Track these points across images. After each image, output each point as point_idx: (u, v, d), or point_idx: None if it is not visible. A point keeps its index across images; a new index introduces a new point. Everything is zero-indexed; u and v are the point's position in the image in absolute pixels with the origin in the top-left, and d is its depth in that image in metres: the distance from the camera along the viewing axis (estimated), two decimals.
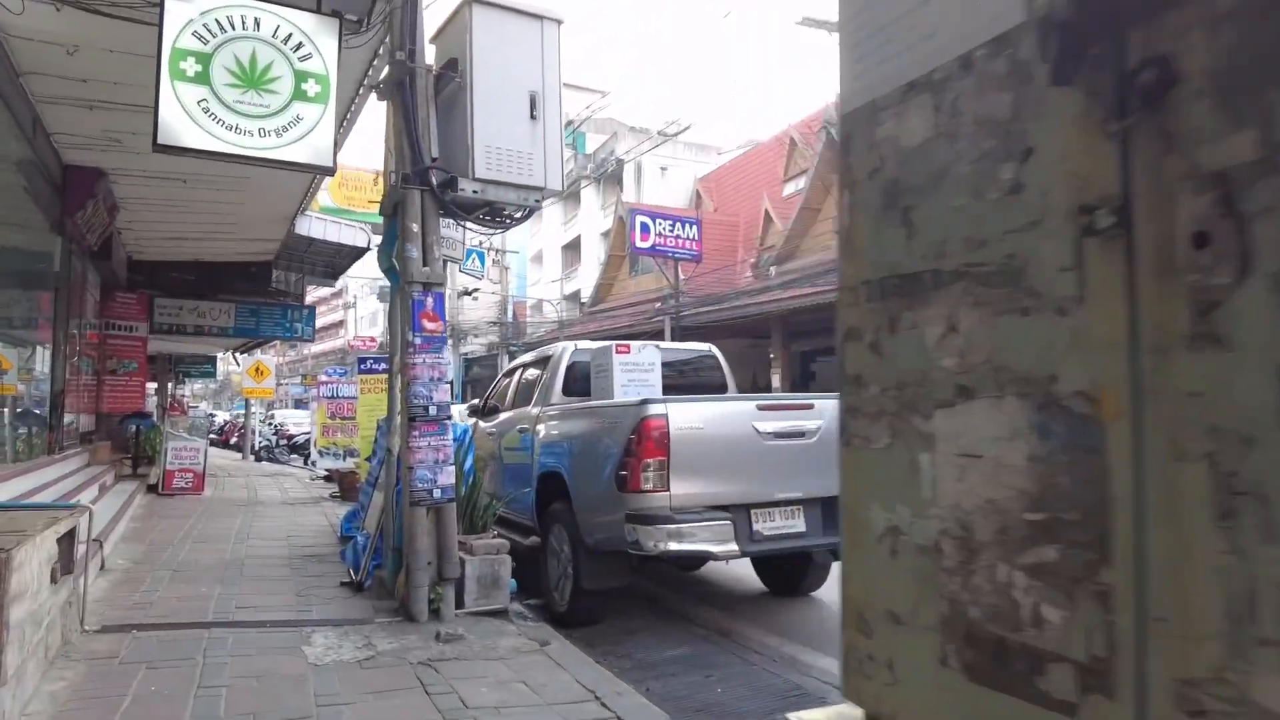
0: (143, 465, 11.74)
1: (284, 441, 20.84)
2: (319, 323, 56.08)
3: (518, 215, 5.36)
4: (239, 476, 14.64)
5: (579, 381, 6.45)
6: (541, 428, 6.13)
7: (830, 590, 6.25)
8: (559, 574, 5.68)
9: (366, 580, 5.56)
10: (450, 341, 37.65)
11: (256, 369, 19.24)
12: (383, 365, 8.14)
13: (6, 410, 7.18)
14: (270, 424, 22.53)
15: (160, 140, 4.46)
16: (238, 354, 21.35)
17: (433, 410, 4.90)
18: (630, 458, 4.62)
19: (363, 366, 8.11)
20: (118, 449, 12.52)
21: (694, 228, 25.71)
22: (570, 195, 38.08)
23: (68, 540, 4.21)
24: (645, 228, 24.88)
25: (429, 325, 4.94)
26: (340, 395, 11.89)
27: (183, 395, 26.36)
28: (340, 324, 51.82)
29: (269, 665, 3.94)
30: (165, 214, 10.59)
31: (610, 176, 36.14)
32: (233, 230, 11.62)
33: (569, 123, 40.30)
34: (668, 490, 4.60)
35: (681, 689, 4.40)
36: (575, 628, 5.34)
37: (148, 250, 12.72)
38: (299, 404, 49.22)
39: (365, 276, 44.54)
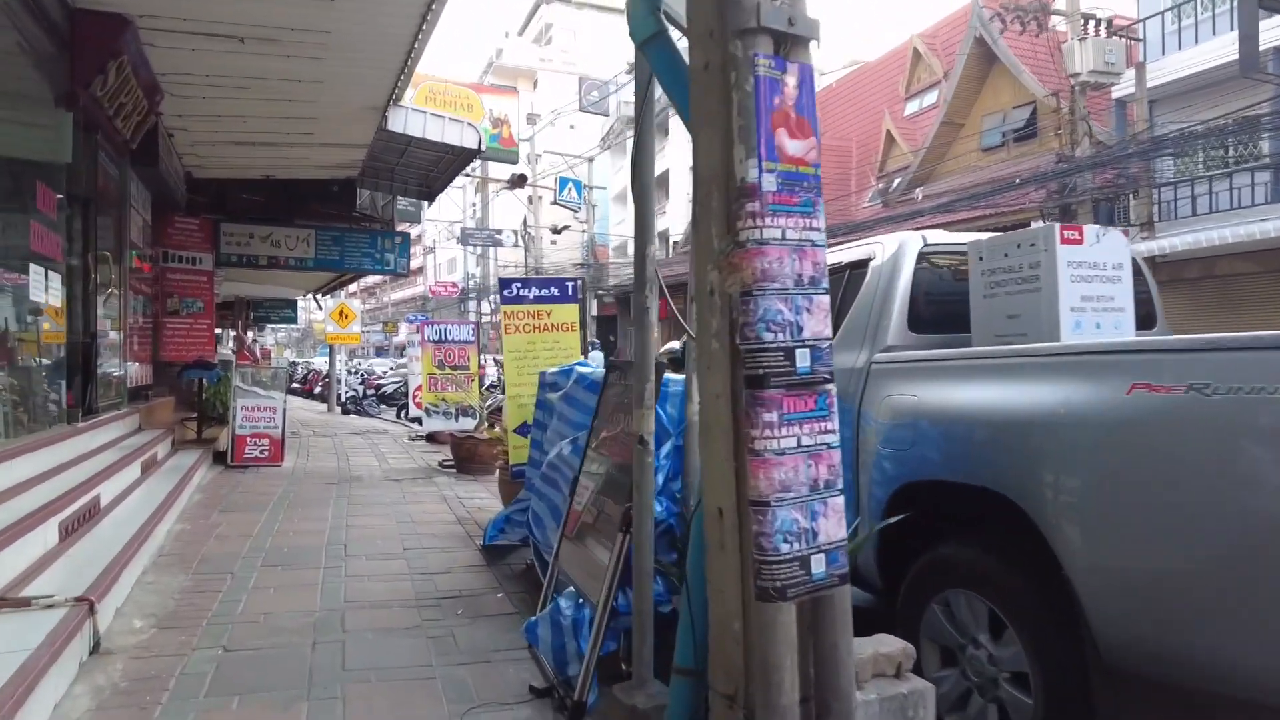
0: (211, 426, 9.20)
1: (371, 392, 18.42)
2: None
3: None
4: (325, 435, 12.11)
5: (932, 305, 3.38)
6: (894, 393, 3.08)
7: None
8: (959, 685, 2.73)
9: (589, 696, 2.68)
10: None
11: (340, 313, 16.72)
12: (535, 292, 5.23)
13: None
14: (357, 373, 20.19)
15: None
16: (319, 296, 18.88)
17: (805, 361, 1.90)
18: None
19: (507, 293, 5.18)
20: (183, 406, 10.04)
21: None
22: (657, 126, 34.56)
23: None
24: None
25: (790, 146, 1.91)
26: (450, 339, 9.11)
27: (254, 340, 24.03)
28: (419, 270, 49.65)
29: None
30: (223, 103, 7.77)
31: None
32: (310, 131, 8.77)
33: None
34: None
35: None
36: None
37: (209, 163, 10.00)
38: (379, 351, 47.44)
39: (444, 220, 42.11)
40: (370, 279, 53.76)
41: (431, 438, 11.19)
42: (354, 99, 7.91)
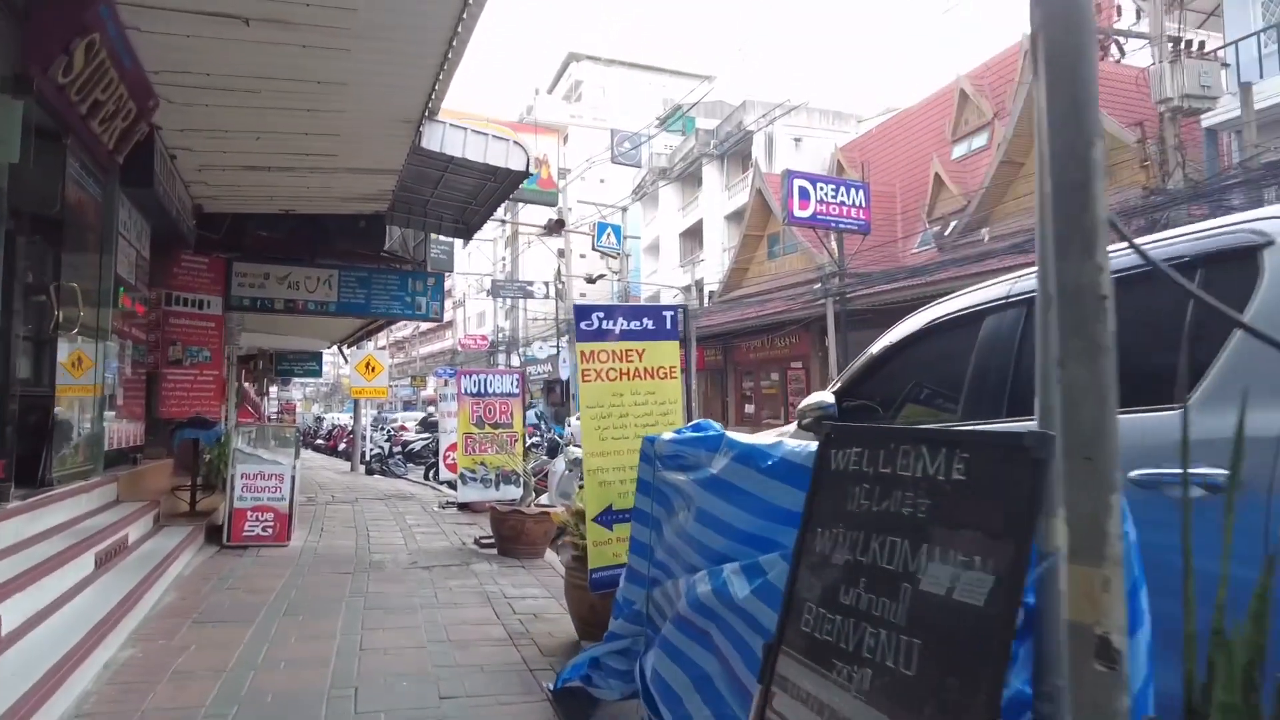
0: (212, 494, 7.69)
1: (398, 449, 16.90)
2: (426, 324, 53.32)
3: None
4: (344, 501, 10.56)
5: None
6: None
7: None
8: None
9: None
10: (568, 340, 33.58)
11: (367, 365, 15.34)
12: (623, 324, 3.63)
13: None
14: (383, 429, 18.69)
15: None
16: (345, 348, 17.56)
17: None
18: None
19: (585, 326, 3.56)
20: (184, 470, 8.56)
21: (861, 193, 20.80)
22: (689, 177, 33.63)
23: None
24: (805, 193, 20.10)
25: None
26: (491, 392, 7.56)
27: (261, 393, 22.20)
28: (449, 324, 48.66)
29: None
30: (230, 113, 6.45)
31: (735, 153, 31.48)
32: (333, 152, 7.44)
33: (676, 107, 35.87)
34: None
35: None
36: None
37: (221, 194, 8.71)
38: (407, 406, 46.12)
39: (474, 273, 41.18)
40: (399, 332, 52.75)
41: (465, 506, 9.61)
42: (384, 107, 6.56)
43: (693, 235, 33.73)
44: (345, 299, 9.64)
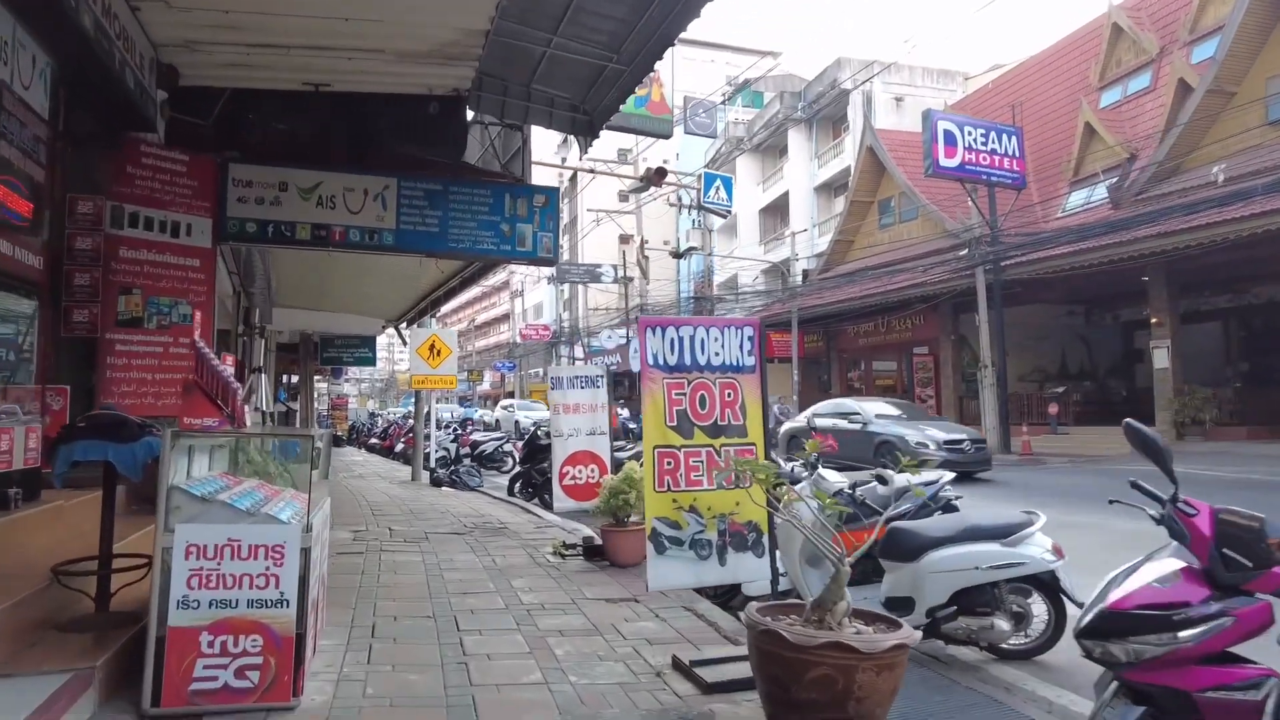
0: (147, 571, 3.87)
1: (467, 451, 13.21)
2: (481, 317, 50.37)
3: None
4: (408, 538, 6.79)
5: None
6: None
7: None
8: None
9: None
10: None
11: (431, 347, 11.62)
12: None
13: None
14: (450, 426, 15.07)
15: None
16: (404, 328, 13.86)
17: None
18: None
19: None
20: (142, 503, 4.81)
21: (1014, 140, 16.57)
22: (770, 148, 29.47)
23: None
24: (950, 138, 15.92)
25: None
26: (705, 364, 3.53)
27: (238, 369, 12.29)
28: (504, 318, 45.05)
29: None
30: None
31: (825, 119, 27.26)
32: None
33: (744, 82, 31.75)
34: None
35: None
36: None
37: (204, 39, 4.90)
38: (463, 400, 42.64)
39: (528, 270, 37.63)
40: (453, 325, 48.47)
41: (596, 552, 5.78)
42: None
43: (775, 211, 29.60)
44: (408, 224, 5.83)
